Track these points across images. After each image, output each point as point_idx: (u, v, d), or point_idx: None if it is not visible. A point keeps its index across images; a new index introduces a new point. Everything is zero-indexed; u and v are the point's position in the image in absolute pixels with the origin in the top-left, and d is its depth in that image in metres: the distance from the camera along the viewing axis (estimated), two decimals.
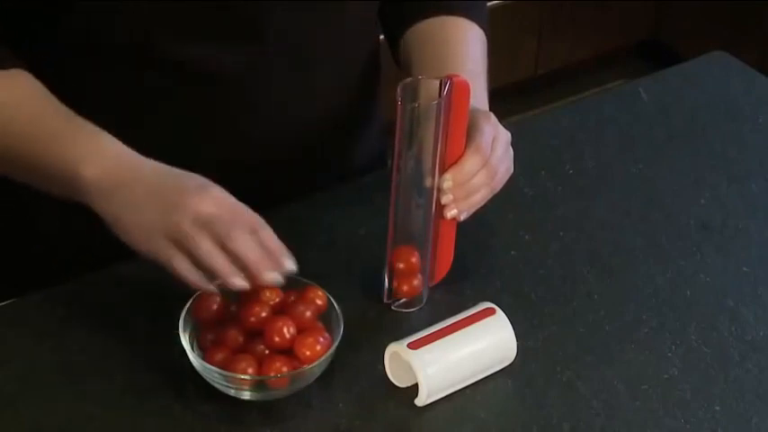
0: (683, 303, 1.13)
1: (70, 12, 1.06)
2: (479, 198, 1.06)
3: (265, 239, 0.97)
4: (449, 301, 1.11)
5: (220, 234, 0.95)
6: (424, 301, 1.10)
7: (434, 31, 1.21)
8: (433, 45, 1.19)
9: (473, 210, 1.06)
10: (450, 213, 1.05)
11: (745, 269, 1.17)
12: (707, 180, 1.28)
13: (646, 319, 1.11)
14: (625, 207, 1.24)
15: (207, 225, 0.95)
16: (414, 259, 1.07)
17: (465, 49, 1.19)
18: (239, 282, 0.95)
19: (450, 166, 1.04)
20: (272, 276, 0.96)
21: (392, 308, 1.09)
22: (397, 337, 1.04)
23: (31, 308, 1.09)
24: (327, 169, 1.23)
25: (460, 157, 1.04)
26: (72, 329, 1.06)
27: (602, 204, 1.24)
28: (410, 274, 1.08)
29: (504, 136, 1.07)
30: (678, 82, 1.45)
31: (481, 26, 1.23)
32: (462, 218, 1.06)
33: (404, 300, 1.09)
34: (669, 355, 1.07)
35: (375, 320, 1.09)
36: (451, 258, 1.11)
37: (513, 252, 1.17)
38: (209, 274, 0.96)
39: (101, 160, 1.00)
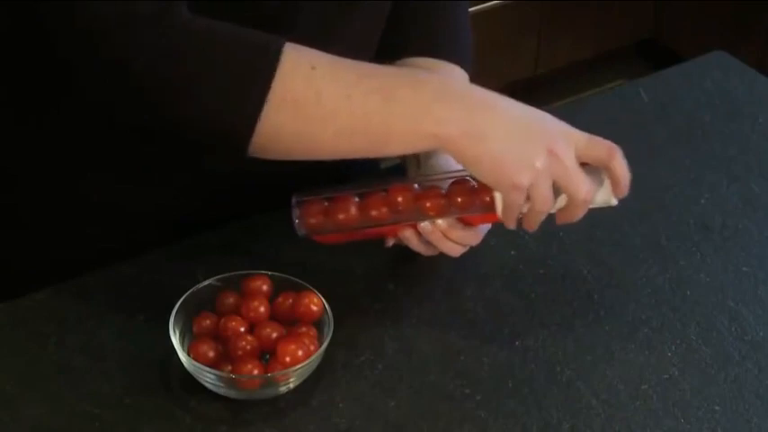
0: (683, 303, 1.13)
1: None
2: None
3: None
4: (449, 301, 1.12)
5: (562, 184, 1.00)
6: None
7: None
8: None
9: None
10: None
11: (745, 269, 1.17)
12: (707, 180, 1.28)
13: (646, 319, 1.11)
14: (625, 207, 1.24)
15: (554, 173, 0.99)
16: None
17: None
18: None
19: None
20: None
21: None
22: (397, 336, 1.03)
23: (31, 308, 1.09)
24: (327, 173, 1.23)
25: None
26: (72, 329, 1.06)
27: None
28: None
29: None
30: (678, 82, 1.45)
31: (465, 66, 1.22)
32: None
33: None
34: (669, 355, 1.07)
35: (375, 320, 1.09)
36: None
37: (512, 252, 1.17)
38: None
39: (445, 108, 0.98)
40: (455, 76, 1.22)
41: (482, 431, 1.00)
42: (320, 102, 0.97)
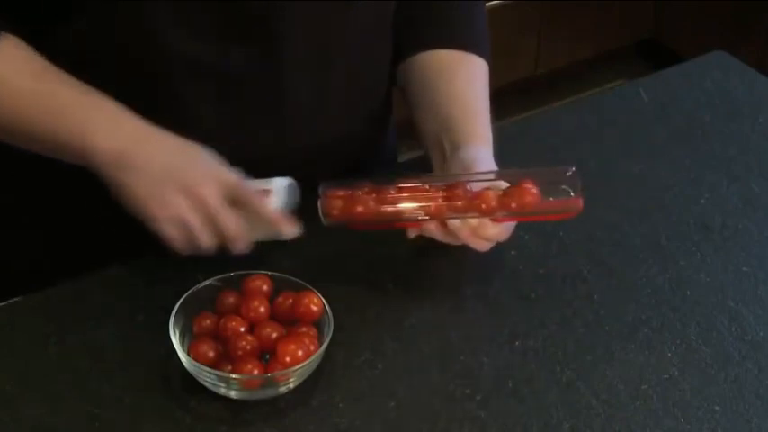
0: (682, 303, 1.13)
1: (80, 9, 1.06)
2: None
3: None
4: (448, 301, 1.12)
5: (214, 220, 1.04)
6: None
7: (438, 73, 1.22)
8: (438, 92, 1.21)
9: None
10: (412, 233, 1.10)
11: (745, 269, 1.17)
12: (707, 180, 1.28)
13: (646, 319, 1.11)
14: (625, 207, 1.24)
15: (204, 209, 1.04)
16: None
17: (473, 104, 1.20)
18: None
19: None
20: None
21: None
22: (397, 336, 1.03)
23: (31, 308, 1.09)
24: (340, 167, 1.23)
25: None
26: (72, 329, 1.06)
27: (602, 204, 1.24)
28: None
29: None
30: (678, 82, 1.45)
31: (484, 56, 1.24)
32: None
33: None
34: (669, 355, 1.07)
35: (375, 320, 1.09)
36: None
37: (513, 252, 1.17)
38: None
39: (114, 131, 1.05)
40: (477, 66, 1.22)
41: (482, 431, 1.00)
42: None
